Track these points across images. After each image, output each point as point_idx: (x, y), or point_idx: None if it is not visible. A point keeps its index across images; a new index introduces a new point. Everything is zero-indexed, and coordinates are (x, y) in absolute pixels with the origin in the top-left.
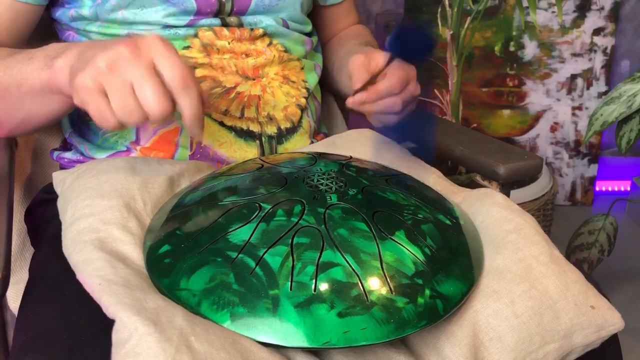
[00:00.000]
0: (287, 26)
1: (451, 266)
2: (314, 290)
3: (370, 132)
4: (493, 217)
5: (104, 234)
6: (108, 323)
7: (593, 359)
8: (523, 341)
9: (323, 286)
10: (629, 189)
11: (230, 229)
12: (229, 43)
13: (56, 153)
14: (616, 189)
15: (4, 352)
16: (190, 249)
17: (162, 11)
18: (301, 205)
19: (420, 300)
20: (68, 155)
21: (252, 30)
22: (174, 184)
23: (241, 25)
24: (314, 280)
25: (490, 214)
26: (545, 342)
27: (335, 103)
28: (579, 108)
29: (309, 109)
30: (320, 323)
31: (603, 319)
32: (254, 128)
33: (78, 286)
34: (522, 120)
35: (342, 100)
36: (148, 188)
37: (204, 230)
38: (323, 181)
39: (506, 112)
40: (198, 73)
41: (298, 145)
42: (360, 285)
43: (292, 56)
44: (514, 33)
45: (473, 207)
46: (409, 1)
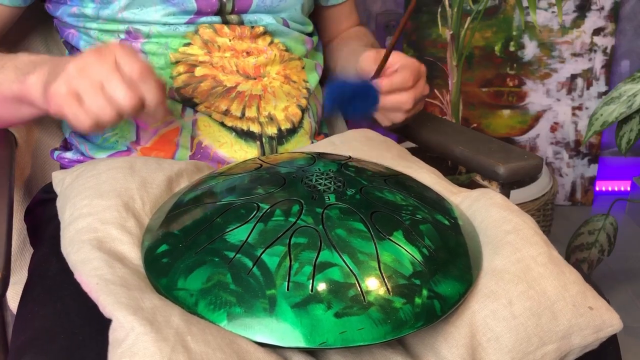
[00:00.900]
0: (288, 26)
1: (449, 267)
2: (311, 290)
3: (370, 132)
4: (492, 218)
5: (102, 234)
6: (105, 322)
7: None
8: (521, 342)
9: (320, 286)
10: (629, 189)
11: (228, 229)
12: (230, 40)
13: (56, 153)
14: (616, 189)
15: (4, 352)
16: (188, 249)
17: (162, 10)
18: (299, 205)
19: (417, 300)
20: (68, 155)
21: (253, 28)
22: (173, 184)
23: (242, 23)
24: (311, 280)
25: (489, 215)
26: (543, 343)
27: None
28: (579, 108)
29: (310, 110)
30: (317, 323)
31: (601, 320)
32: (255, 129)
33: (76, 286)
34: (522, 120)
35: None
36: (147, 188)
37: (202, 230)
38: (321, 181)
39: (506, 112)
40: (199, 72)
41: (298, 145)
42: (357, 285)
43: (293, 55)
44: (514, 33)
45: (472, 208)
46: (409, 1)
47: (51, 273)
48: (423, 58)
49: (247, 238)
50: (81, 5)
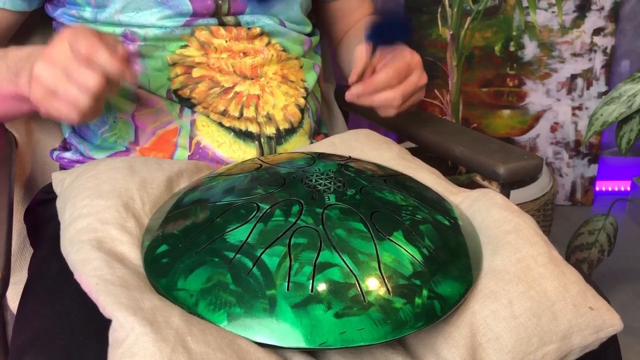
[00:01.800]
0: (285, 26)
1: (449, 267)
2: (311, 290)
3: (370, 132)
4: (492, 218)
5: (102, 234)
6: (105, 323)
7: None
8: (521, 342)
9: (320, 287)
10: (629, 189)
11: (227, 229)
12: (226, 42)
13: (56, 153)
14: (616, 189)
15: (4, 352)
16: (188, 249)
17: (158, 13)
18: (299, 205)
19: (417, 301)
20: (68, 155)
21: (249, 29)
22: (173, 184)
23: (239, 24)
24: (311, 280)
25: (489, 215)
26: (543, 343)
27: (335, 103)
28: (579, 108)
29: (310, 110)
30: (317, 323)
31: (601, 320)
32: (253, 129)
33: (76, 286)
34: (522, 120)
35: (343, 99)
36: (147, 188)
37: (202, 230)
38: (321, 181)
39: (506, 112)
40: (196, 73)
41: (298, 145)
42: (357, 285)
43: (291, 55)
44: (514, 33)
45: (472, 208)
46: (409, 1)
47: (51, 273)
48: (423, 58)
49: (247, 238)
50: (79, 8)
